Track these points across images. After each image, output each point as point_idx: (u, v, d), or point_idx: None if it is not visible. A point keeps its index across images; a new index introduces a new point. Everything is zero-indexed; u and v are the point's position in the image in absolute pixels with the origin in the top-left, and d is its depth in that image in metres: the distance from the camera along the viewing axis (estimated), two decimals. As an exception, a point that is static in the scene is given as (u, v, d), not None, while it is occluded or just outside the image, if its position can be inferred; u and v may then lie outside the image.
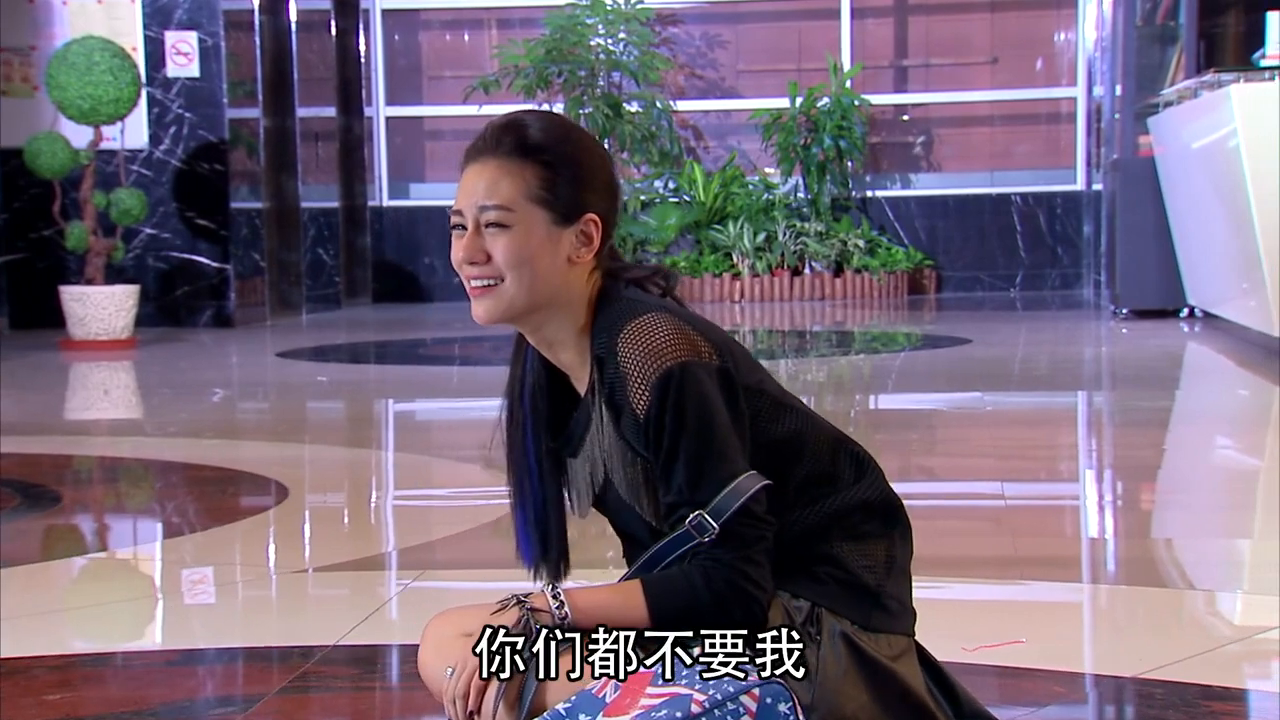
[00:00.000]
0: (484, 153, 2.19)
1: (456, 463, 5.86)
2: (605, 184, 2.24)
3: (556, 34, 14.59)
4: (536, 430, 2.34)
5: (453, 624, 2.40)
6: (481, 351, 11.22)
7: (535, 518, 2.39)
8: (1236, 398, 7.64)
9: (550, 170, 2.16)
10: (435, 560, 4.04)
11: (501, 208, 2.15)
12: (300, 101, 13.84)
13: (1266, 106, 7.97)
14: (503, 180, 2.16)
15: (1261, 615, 3.39)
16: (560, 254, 2.18)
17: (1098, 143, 13.48)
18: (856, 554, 2.27)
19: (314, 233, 14.11)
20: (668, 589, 2.18)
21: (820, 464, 2.26)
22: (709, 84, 15.56)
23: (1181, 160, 10.06)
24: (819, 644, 2.23)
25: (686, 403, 2.12)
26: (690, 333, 2.17)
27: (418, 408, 7.97)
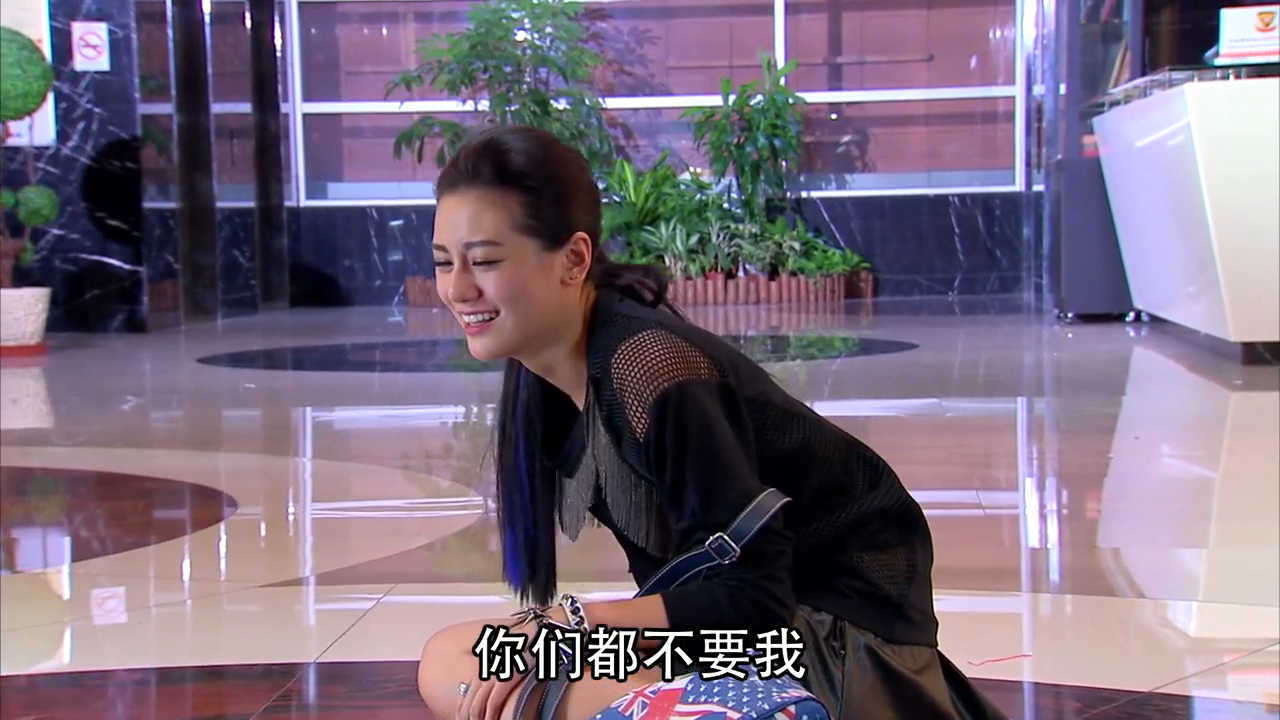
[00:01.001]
0: (461, 182, 2.15)
1: (404, 472, 5.84)
2: (589, 196, 2.23)
3: (481, 28, 14.55)
4: (529, 448, 2.33)
5: (455, 641, 2.38)
6: (409, 357, 11.18)
7: (525, 538, 2.38)
8: (1194, 403, 7.75)
9: (534, 195, 2.14)
10: (405, 574, 4.01)
11: (489, 243, 2.13)
12: (214, 97, 13.72)
13: (1222, 106, 8.09)
14: (486, 213, 2.13)
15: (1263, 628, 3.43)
16: (553, 279, 2.17)
17: (1038, 143, 13.62)
18: (876, 564, 2.27)
19: (229, 234, 13.98)
20: (690, 606, 2.17)
21: (833, 472, 2.27)
22: (638, 81, 15.57)
23: (1129, 161, 10.18)
24: (843, 659, 2.24)
25: (687, 424, 2.12)
26: (686, 349, 2.16)
27: (353, 415, 7.91)
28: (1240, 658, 3.18)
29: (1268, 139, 8.00)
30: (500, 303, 2.15)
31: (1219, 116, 8.07)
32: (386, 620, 3.55)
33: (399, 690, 2.93)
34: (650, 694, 2.14)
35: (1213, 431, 6.87)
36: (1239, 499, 5.14)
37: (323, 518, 5.09)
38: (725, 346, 2.25)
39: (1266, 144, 8.00)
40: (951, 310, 13.41)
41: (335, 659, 3.19)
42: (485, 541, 4.43)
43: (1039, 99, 13.70)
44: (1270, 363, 8.24)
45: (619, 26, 15.54)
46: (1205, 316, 8.78)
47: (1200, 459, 6.12)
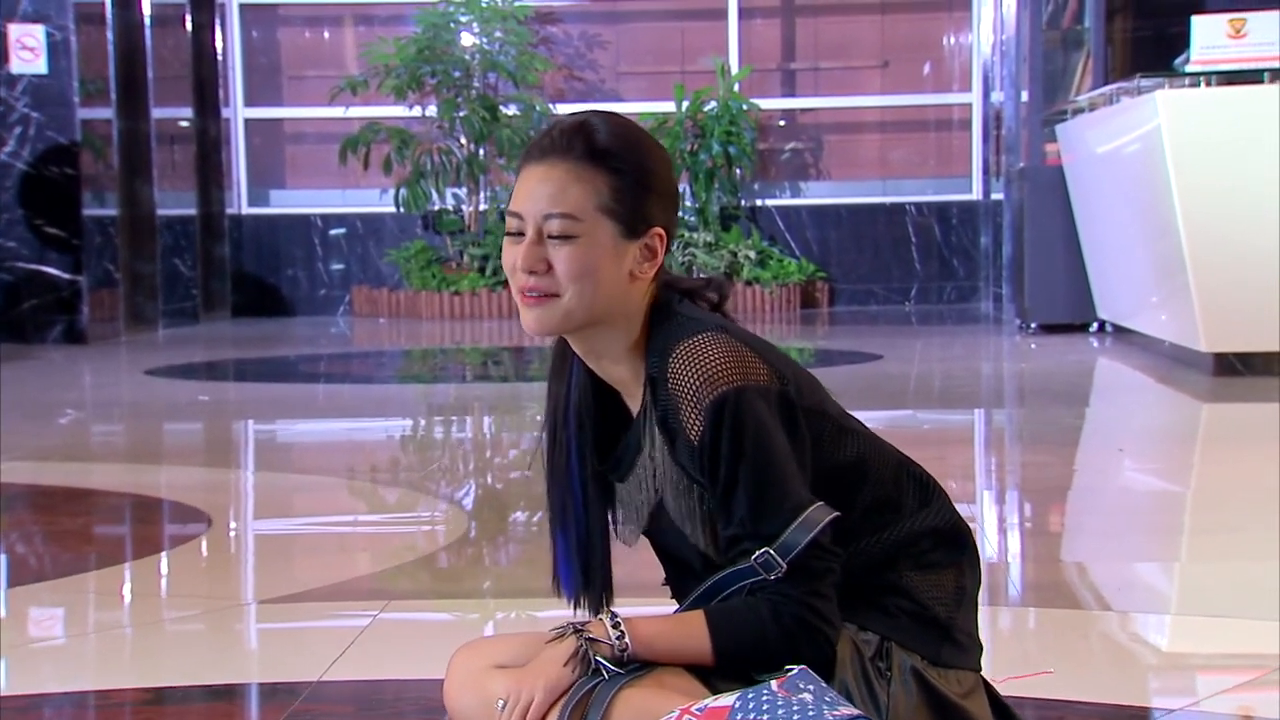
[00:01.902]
0: (551, 154, 2.17)
1: (377, 486, 5.82)
2: (671, 196, 2.24)
3: (428, 32, 14.53)
4: (581, 451, 2.33)
5: (482, 655, 2.39)
6: (364, 369, 11.13)
7: (578, 545, 2.37)
8: (1170, 415, 7.81)
9: (621, 179, 2.16)
10: (396, 590, 4.00)
11: (569, 217, 2.14)
12: (155, 101, 13.61)
13: (1194, 113, 8.17)
14: (572, 187, 2.14)
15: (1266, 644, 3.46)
16: (623, 268, 2.18)
17: (997, 151, 13.70)
18: (926, 584, 2.28)
19: (169, 242, 13.87)
20: (733, 622, 2.17)
21: (884, 489, 2.27)
22: (588, 86, 15.57)
23: (1094, 169, 10.25)
24: (889, 680, 2.24)
25: (743, 430, 2.12)
26: (747, 354, 2.17)
27: (316, 428, 7.88)
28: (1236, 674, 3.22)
29: (1240, 147, 8.09)
30: (568, 281, 2.15)
31: (1191, 124, 8.15)
32: (386, 637, 3.54)
33: (412, 709, 2.92)
34: (697, 711, 2.14)
35: (1196, 444, 6.93)
36: (1226, 511, 5.18)
37: (301, 533, 5.06)
38: (784, 356, 2.25)
39: (1239, 152, 8.09)
40: (909, 320, 13.48)
41: (339, 677, 3.17)
42: (475, 556, 4.42)
43: (998, 106, 13.79)
44: (1241, 373, 8.33)
45: (568, 31, 15.55)
46: (1175, 327, 8.86)
47: (1188, 471, 6.17)
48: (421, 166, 14.46)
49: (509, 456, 6.67)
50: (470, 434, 7.60)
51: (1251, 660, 3.36)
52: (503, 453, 6.86)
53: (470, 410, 8.52)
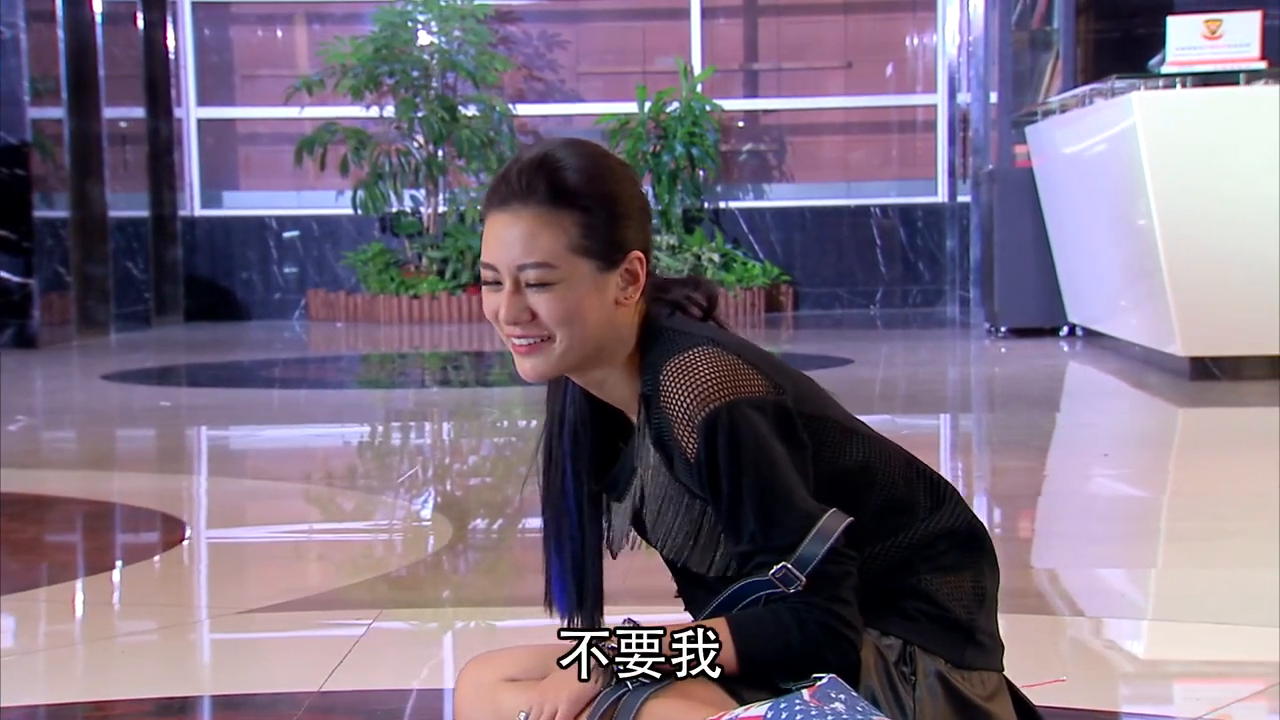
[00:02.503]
0: (513, 200, 2.14)
1: (353, 492, 5.79)
2: (642, 214, 2.23)
3: (386, 31, 14.48)
4: (577, 470, 2.32)
5: (493, 668, 2.38)
6: (325, 373, 11.08)
7: (573, 564, 2.36)
8: (1146, 420, 7.84)
9: (589, 215, 2.13)
10: (386, 599, 3.98)
11: (543, 265, 2.13)
12: (106, 101, 13.51)
13: (1171, 115, 8.21)
14: (541, 233, 2.12)
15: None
16: (608, 300, 2.17)
17: (964, 153, 13.75)
18: (945, 586, 2.27)
19: (121, 244, 13.77)
20: (756, 629, 2.16)
21: (895, 491, 2.27)
22: (548, 87, 15.55)
23: (1065, 171, 10.29)
24: (914, 685, 2.24)
25: (739, 444, 2.11)
26: (738, 366, 2.16)
27: (285, 434, 7.84)
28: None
29: (1216, 149, 8.14)
30: (554, 326, 2.15)
31: (1167, 126, 8.19)
32: (382, 646, 3.53)
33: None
34: (728, 721, 2.13)
35: (1178, 449, 6.97)
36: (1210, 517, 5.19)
37: (280, 541, 5.02)
38: (780, 363, 2.24)
39: (1215, 154, 8.14)
40: (875, 324, 13.51)
41: (339, 687, 3.15)
42: (464, 564, 4.40)
43: (964, 108, 13.83)
44: (1218, 377, 8.37)
45: (528, 30, 15.52)
46: (1150, 330, 8.90)
47: (1170, 477, 6.19)
48: (379, 168, 14.41)
49: (485, 464, 6.65)
50: (443, 440, 7.57)
51: (1235, 668, 3.38)
52: (478, 459, 6.83)
53: (433, 416, 8.48)
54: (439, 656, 3.53)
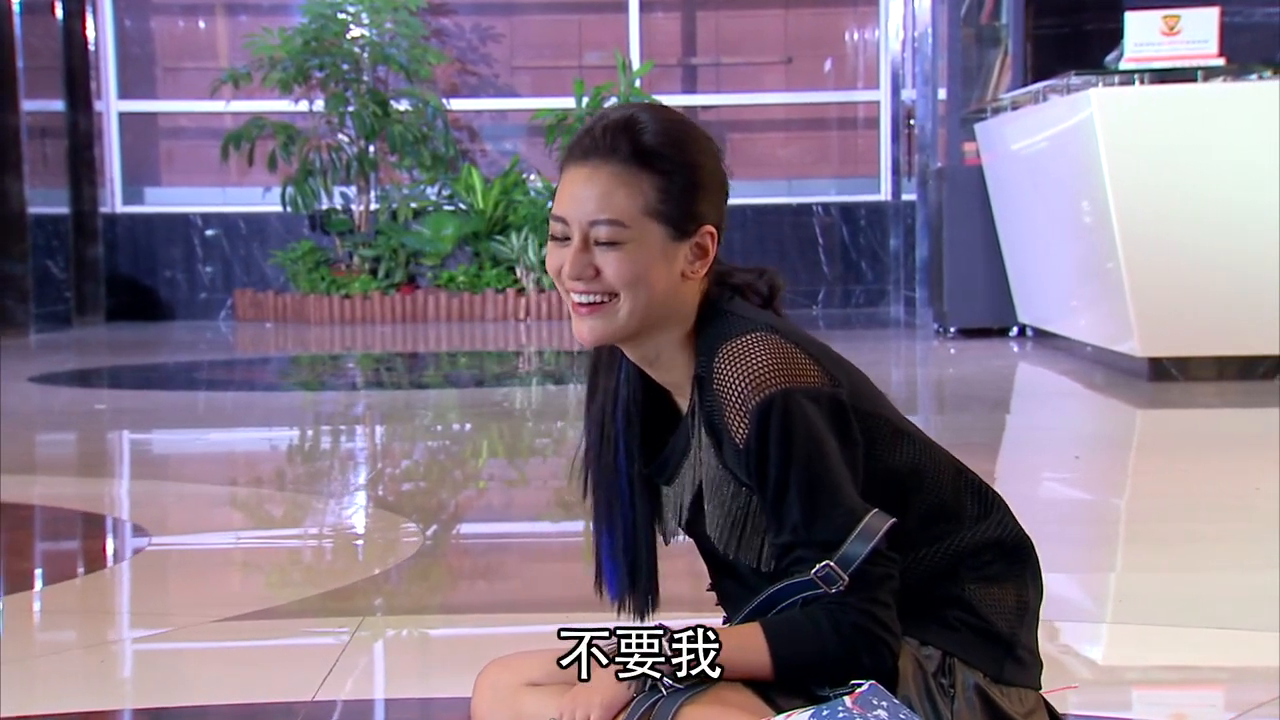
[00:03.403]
0: (594, 155, 2.15)
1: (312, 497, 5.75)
2: (721, 190, 2.22)
3: (315, 23, 14.39)
4: (629, 449, 2.31)
5: (513, 672, 2.38)
6: (259, 375, 11.01)
7: (624, 545, 2.35)
8: (1108, 422, 7.89)
9: (668, 180, 2.14)
10: (368, 606, 3.95)
11: (616, 223, 2.13)
12: (25, 93, 13.35)
13: (1130, 112, 8.27)
14: (618, 191, 2.13)
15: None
16: (675, 270, 2.17)
17: (909, 150, 13.81)
18: (988, 598, 2.27)
19: (40, 242, 13.61)
20: (792, 634, 2.16)
21: (941, 496, 2.27)
22: (482, 81, 15.51)
23: (1018, 169, 10.35)
24: (952, 698, 2.23)
25: (791, 434, 2.11)
26: (796, 355, 2.16)
27: (235, 437, 7.79)
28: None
29: (1176, 147, 8.20)
30: (619, 285, 2.14)
31: (1126, 123, 8.24)
32: (370, 653, 3.51)
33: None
34: (772, 729, 2.13)
35: (1144, 451, 7.02)
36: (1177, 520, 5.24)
37: (242, 548, 4.98)
38: (838, 356, 2.24)
39: (1175, 152, 8.20)
40: (819, 325, 13.53)
41: (332, 696, 3.14)
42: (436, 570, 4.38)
43: (909, 104, 13.90)
44: (1177, 379, 8.45)
45: (461, 23, 15.48)
46: (1107, 331, 8.96)
47: (1137, 480, 6.24)
48: (309, 164, 14.32)
49: (439, 466, 6.62)
50: (387, 441, 7.53)
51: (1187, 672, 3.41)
52: (431, 461, 6.80)
53: (370, 419, 8.44)
54: (435, 663, 3.50)
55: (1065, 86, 8.97)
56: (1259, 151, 8.14)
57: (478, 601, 4.12)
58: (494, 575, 4.50)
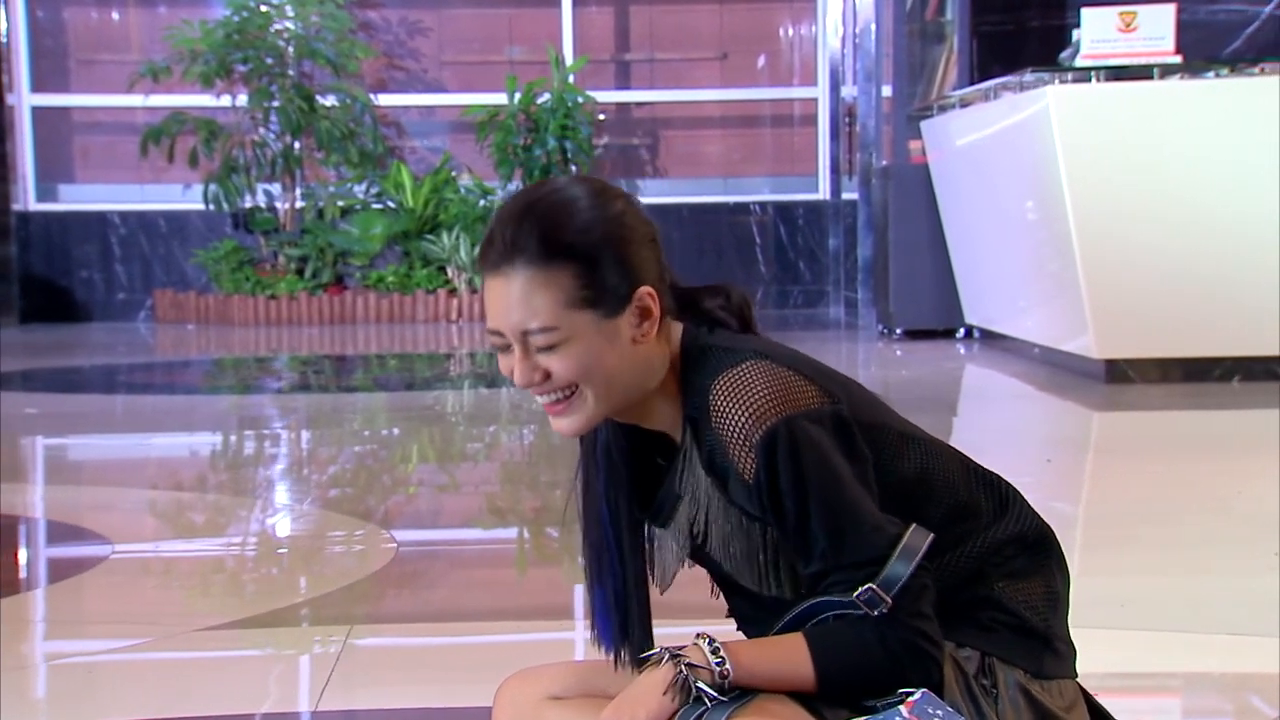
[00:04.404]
0: (503, 263, 2.09)
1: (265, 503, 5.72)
2: (645, 245, 2.15)
3: (238, 15, 14.28)
4: (613, 498, 2.29)
5: (535, 686, 2.38)
6: (179, 378, 10.92)
7: (615, 597, 2.32)
8: (1068, 425, 7.95)
9: (581, 264, 2.09)
10: (350, 615, 3.93)
11: (546, 329, 2.09)
12: (-64, 86, 13.18)
13: (1088, 110, 8.33)
14: (535, 295, 2.08)
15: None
16: (624, 343, 2.12)
17: (850, 148, 13.86)
18: (1017, 594, 2.28)
19: (-48, 241, 13.44)
20: (836, 646, 2.15)
21: (956, 496, 2.27)
22: (409, 76, 15.44)
23: (966, 167, 10.40)
24: (996, 698, 2.23)
25: (801, 462, 2.09)
26: (791, 379, 2.13)
27: (175, 441, 7.73)
28: None
29: (1133, 145, 8.27)
30: (573, 380, 2.12)
31: (1083, 121, 8.31)
32: (366, 662, 3.50)
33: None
34: (828, 742, 2.12)
35: (1109, 454, 7.07)
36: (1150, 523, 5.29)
37: (212, 556, 4.93)
38: (830, 370, 2.23)
39: (1132, 151, 8.27)
40: (758, 326, 13.54)
41: (334, 707, 3.12)
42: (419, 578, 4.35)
43: (849, 101, 13.95)
44: (1133, 380, 8.52)
45: (387, 17, 15.40)
46: (1061, 332, 9.02)
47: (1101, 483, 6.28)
48: (233, 160, 14.21)
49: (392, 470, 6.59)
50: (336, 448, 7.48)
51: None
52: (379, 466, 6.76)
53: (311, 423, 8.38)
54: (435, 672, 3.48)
55: (1019, 84, 9.02)
56: (1215, 150, 8.23)
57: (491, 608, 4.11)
58: (477, 584, 4.48)
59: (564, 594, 4.21)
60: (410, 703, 3.13)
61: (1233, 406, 8.04)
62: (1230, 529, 5.00)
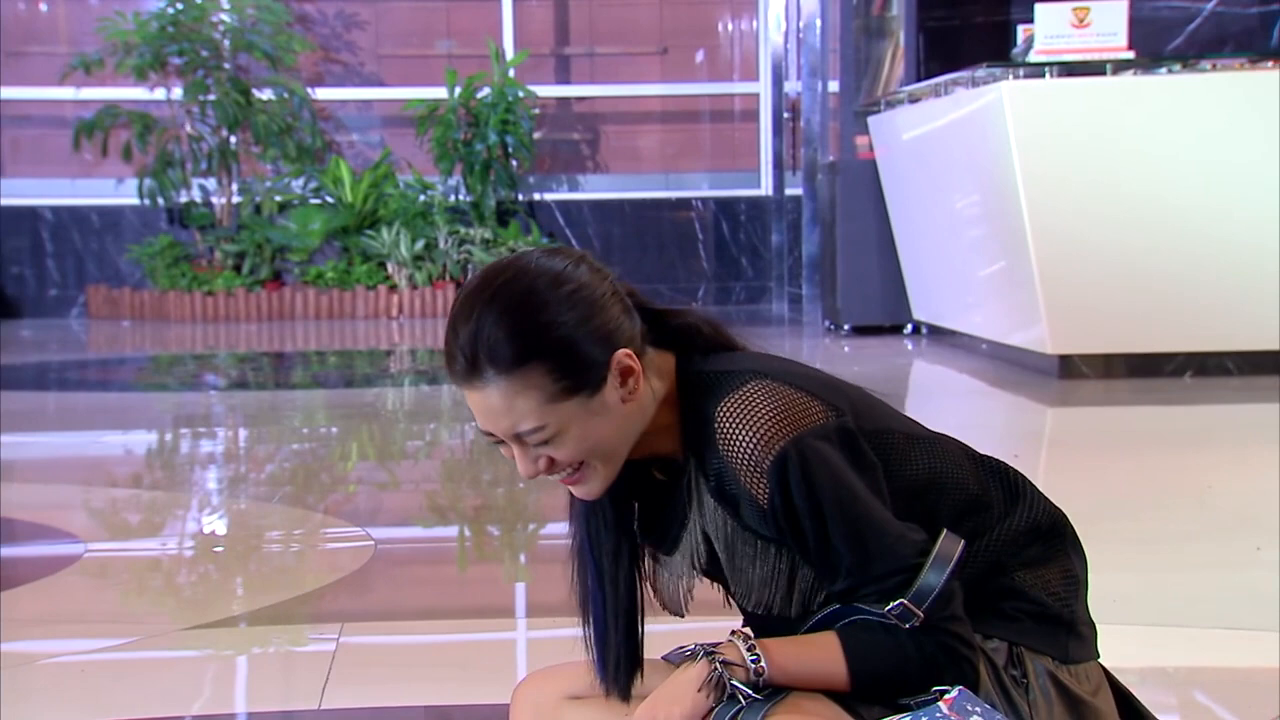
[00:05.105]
0: (473, 379, 2.08)
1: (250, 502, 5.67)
2: (609, 300, 2.13)
3: (173, 7, 14.17)
4: (595, 535, 2.29)
5: (553, 686, 2.38)
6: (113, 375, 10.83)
7: (596, 635, 2.31)
8: (1032, 420, 8.00)
9: (550, 361, 2.07)
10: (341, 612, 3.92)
11: (535, 430, 2.09)
12: None
13: (1042, 106, 8.39)
14: (515, 402, 2.07)
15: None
16: (614, 409, 2.12)
17: (793, 143, 13.89)
18: (1038, 581, 2.30)
19: (-119, 236, 13.27)
20: (871, 648, 2.16)
21: (967, 491, 2.29)
22: (346, 70, 15.37)
23: (915, 163, 10.45)
24: (1026, 687, 2.26)
25: (814, 482, 2.10)
26: (793, 396, 2.13)
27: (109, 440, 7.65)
28: None
29: (1087, 141, 8.34)
30: (576, 460, 2.13)
31: (1038, 116, 8.37)
32: (363, 660, 3.49)
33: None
34: (872, 739, 2.13)
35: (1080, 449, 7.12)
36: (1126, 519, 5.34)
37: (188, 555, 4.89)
38: (829, 378, 2.24)
39: (1086, 147, 8.34)
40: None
41: (337, 705, 3.11)
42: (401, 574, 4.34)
43: (793, 97, 13.98)
44: (1087, 376, 8.59)
45: (324, 9, 15.32)
46: (1015, 328, 9.08)
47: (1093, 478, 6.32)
48: (168, 155, 14.10)
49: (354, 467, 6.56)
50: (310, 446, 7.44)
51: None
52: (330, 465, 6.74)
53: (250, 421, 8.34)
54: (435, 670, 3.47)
55: (971, 79, 9.07)
56: (1168, 146, 8.32)
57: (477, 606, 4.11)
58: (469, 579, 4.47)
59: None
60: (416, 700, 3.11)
61: (1187, 402, 8.13)
62: (1207, 523, 5.06)
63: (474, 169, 14.47)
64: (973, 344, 10.05)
